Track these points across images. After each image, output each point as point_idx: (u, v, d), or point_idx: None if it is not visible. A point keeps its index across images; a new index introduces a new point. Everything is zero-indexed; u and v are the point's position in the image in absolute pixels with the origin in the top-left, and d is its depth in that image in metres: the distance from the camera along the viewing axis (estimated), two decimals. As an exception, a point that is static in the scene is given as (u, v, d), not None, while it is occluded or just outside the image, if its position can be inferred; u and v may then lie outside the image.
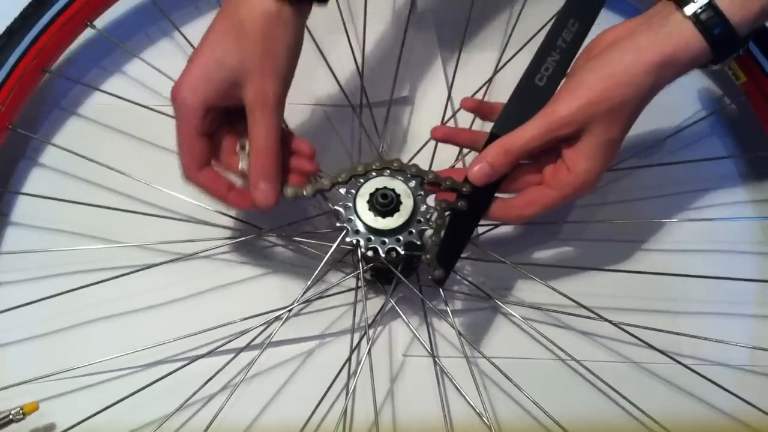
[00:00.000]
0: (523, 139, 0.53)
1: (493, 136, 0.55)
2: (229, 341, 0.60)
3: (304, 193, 0.55)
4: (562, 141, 0.53)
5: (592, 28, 0.56)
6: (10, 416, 0.54)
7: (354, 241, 0.55)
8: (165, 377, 0.58)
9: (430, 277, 0.55)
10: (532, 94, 0.55)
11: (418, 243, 0.55)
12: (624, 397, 0.59)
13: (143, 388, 0.58)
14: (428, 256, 0.55)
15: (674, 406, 0.62)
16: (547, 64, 0.55)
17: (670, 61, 0.51)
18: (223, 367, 0.59)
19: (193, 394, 0.58)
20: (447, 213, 0.55)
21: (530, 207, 0.55)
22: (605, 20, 0.56)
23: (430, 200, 0.56)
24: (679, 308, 0.65)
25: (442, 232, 0.55)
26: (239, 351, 0.60)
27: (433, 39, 0.74)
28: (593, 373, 0.61)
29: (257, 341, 0.60)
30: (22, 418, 0.54)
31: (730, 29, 0.50)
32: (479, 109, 0.60)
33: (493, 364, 0.60)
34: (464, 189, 0.55)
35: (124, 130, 0.69)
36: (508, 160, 0.53)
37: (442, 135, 0.59)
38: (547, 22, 0.71)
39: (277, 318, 0.61)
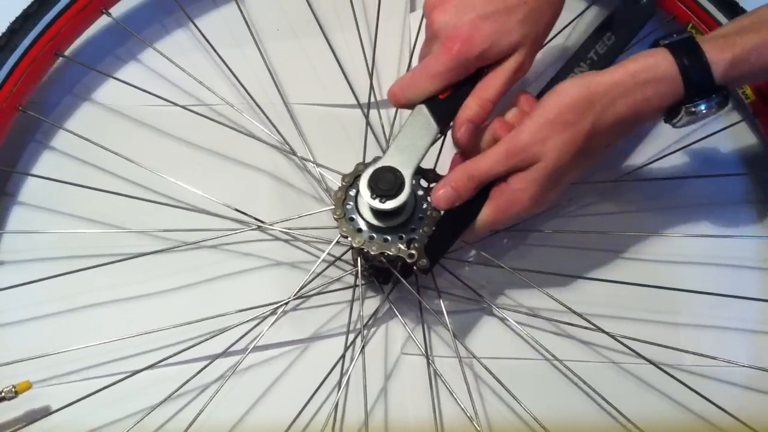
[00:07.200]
0: (486, 165, 0.52)
1: None
2: (222, 333, 0.60)
3: None
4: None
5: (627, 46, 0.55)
6: (2, 394, 0.54)
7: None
8: (155, 365, 0.59)
9: (415, 267, 0.55)
10: None
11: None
12: (611, 403, 0.59)
13: (134, 373, 0.58)
14: (416, 245, 0.55)
15: (674, 412, 0.61)
16: (573, 74, 0.54)
17: (632, 80, 0.49)
18: (214, 360, 0.59)
19: (182, 386, 0.58)
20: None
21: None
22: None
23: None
24: (679, 321, 0.65)
25: (434, 226, 0.56)
26: (232, 344, 0.60)
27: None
28: (580, 378, 0.61)
29: (250, 336, 0.60)
30: (14, 397, 0.54)
31: (703, 58, 0.49)
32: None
33: (483, 365, 0.60)
34: None
35: (134, 117, 0.69)
36: (473, 185, 0.52)
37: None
38: (563, 27, 0.71)
39: (273, 312, 0.61)
